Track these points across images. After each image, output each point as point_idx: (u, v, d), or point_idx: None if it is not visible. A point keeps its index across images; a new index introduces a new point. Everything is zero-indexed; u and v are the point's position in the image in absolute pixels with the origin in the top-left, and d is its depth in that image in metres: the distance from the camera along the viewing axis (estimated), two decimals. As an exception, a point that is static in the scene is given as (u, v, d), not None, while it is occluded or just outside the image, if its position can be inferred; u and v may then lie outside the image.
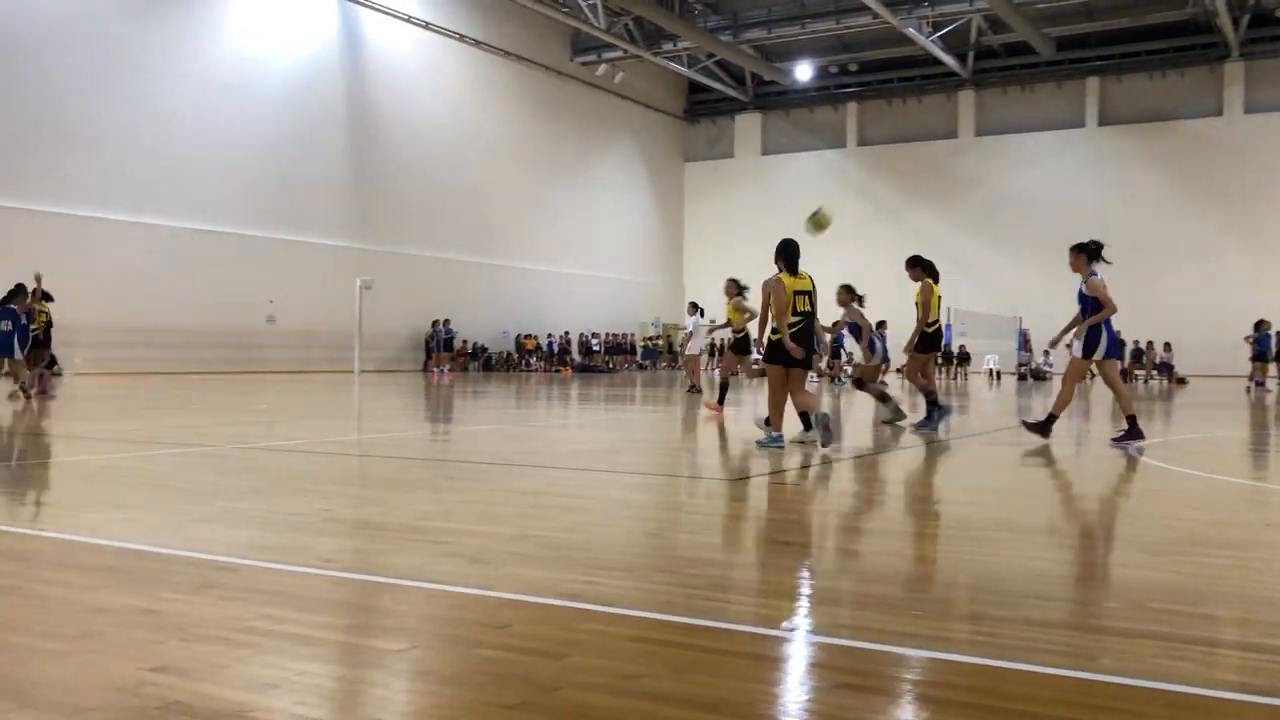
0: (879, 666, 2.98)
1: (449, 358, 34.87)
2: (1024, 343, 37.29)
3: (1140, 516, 6.21)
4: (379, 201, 34.73)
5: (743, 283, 14.68)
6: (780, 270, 9.72)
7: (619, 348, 42.86)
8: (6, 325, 15.96)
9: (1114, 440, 10.07)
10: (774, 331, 9.42)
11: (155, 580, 3.89)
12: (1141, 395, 23.59)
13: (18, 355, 16.06)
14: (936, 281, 11.77)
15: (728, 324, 15.41)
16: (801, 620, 3.50)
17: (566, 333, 41.67)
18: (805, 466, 8.08)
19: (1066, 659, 3.01)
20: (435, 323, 35.08)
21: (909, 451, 9.68)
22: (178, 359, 27.74)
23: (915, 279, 11.75)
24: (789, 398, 9.42)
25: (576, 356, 41.64)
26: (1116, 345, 10.16)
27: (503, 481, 7.24)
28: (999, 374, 37.25)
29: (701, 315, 20.09)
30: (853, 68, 44.58)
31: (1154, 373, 35.24)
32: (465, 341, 38.02)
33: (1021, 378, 35.71)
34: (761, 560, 4.55)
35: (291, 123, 31.89)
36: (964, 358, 39.21)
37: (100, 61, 27.29)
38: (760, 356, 10.54)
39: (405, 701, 2.62)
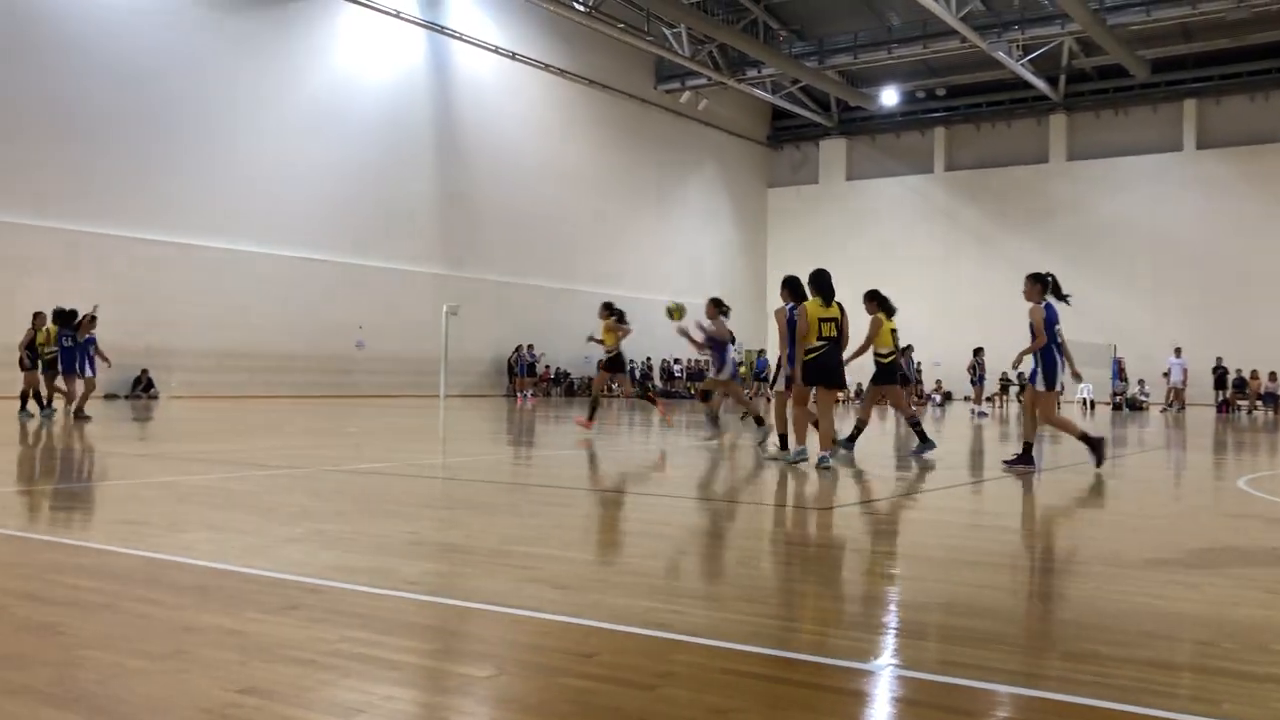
0: (981, 705, 2.83)
1: (532, 383, 35.08)
2: (1119, 372, 36.26)
3: (1256, 553, 5.90)
4: (465, 228, 35.20)
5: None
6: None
7: (701, 374, 42.71)
8: (68, 343, 16.60)
9: (1005, 462, 10.34)
10: (808, 353, 10.04)
11: (243, 600, 3.89)
12: (1244, 426, 22.73)
13: (88, 373, 16.68)
14: (890, 315, 12.23)
15: (602, 342, 15.97)
16: (898, 655, 3.35)
17: (648, 359, 41.68)
18: (898, 495, 7.88)
19: (1183, 701, 2.82)
20: (519, 348, 35.36)
21: (1000, 482, 9.41)
22: (271, 383, 28.34)
23: (870, 312, 12.22)
24: (806, 414, 10.36)
25: (659, 383, 41.61)
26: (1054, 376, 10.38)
27: (588, 507, 7.18)
28: (1093, 404, 36.27)
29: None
30: (940, 92, 44.05)
31: (1258, 403, 33.99)
32: (548, 367, 38.23)
33: (1117, 407, 34.75)
34: (854, 592, 4.40)
35: (381, 152, 32.53)
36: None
37: (201, 93, 28.17)
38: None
39: (491, 731, 2.55)
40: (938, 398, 39.04)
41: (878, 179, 47.14)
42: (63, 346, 16.80)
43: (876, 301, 12.28)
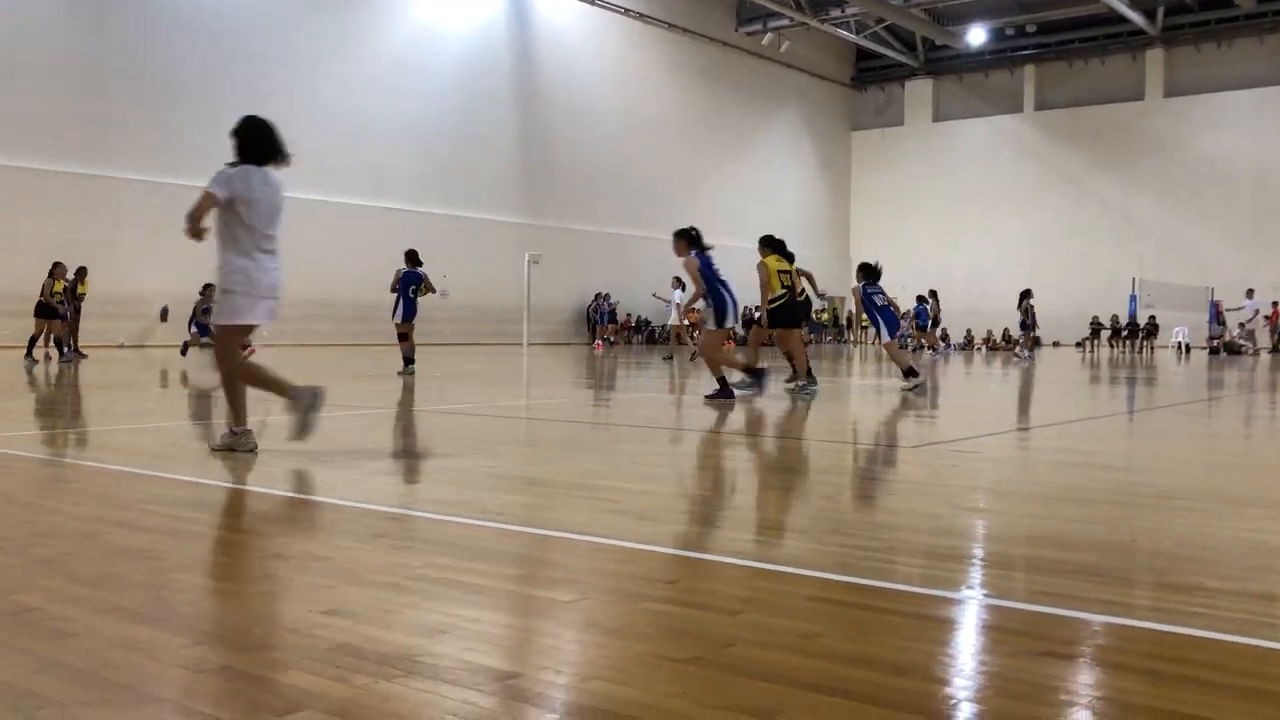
0: (1074, 633, 2.72)
1: (612, 330, 35.16)
2: (1216, 315, 35.10)
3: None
4: (545, 177, 35.20)
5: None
6: (765, 258, 12.03)
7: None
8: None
9: (707, 396, 10.73)
10: (771, 302, 11.89)
11: (330, 529, 3.93)
12: (1353, 370, 21.83)
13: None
14: (784, 258, 12.30)
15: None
16: (985, 584, 3.25)
17: (752, 307, 41.48)
18: (986, 435, 7.71)
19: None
20: (597, 296, 35.42)
21: (1098, 422, 9.16)
22: (357, 331, 28.79)
23: (761, 256, 12.31)
24: (795, 348, 12.04)
25: (739, 329, 41.39)
26: (733, 314, 11.01)
27: (668, 445, 7.15)
28: (1189, 347, 35.19)
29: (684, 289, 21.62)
30: (1030, 29, 42.63)
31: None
32: (629, 315, 38.24)
33: (1214, 351, 33.66)
34: (940, 525, 4.29)
35: (462, 101, 32.60)
36: (1151, 330, 37.24)
37: (282, 48, 28.47)
38: None
39: (575, 651, 2.52)
40: (1023, 352, 38.15)
41: (965, 120, 45.96)
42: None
43: (768, 245, 12.32)
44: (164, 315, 18.47)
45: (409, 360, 15.21)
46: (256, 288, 5.89)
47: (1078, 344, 39.88)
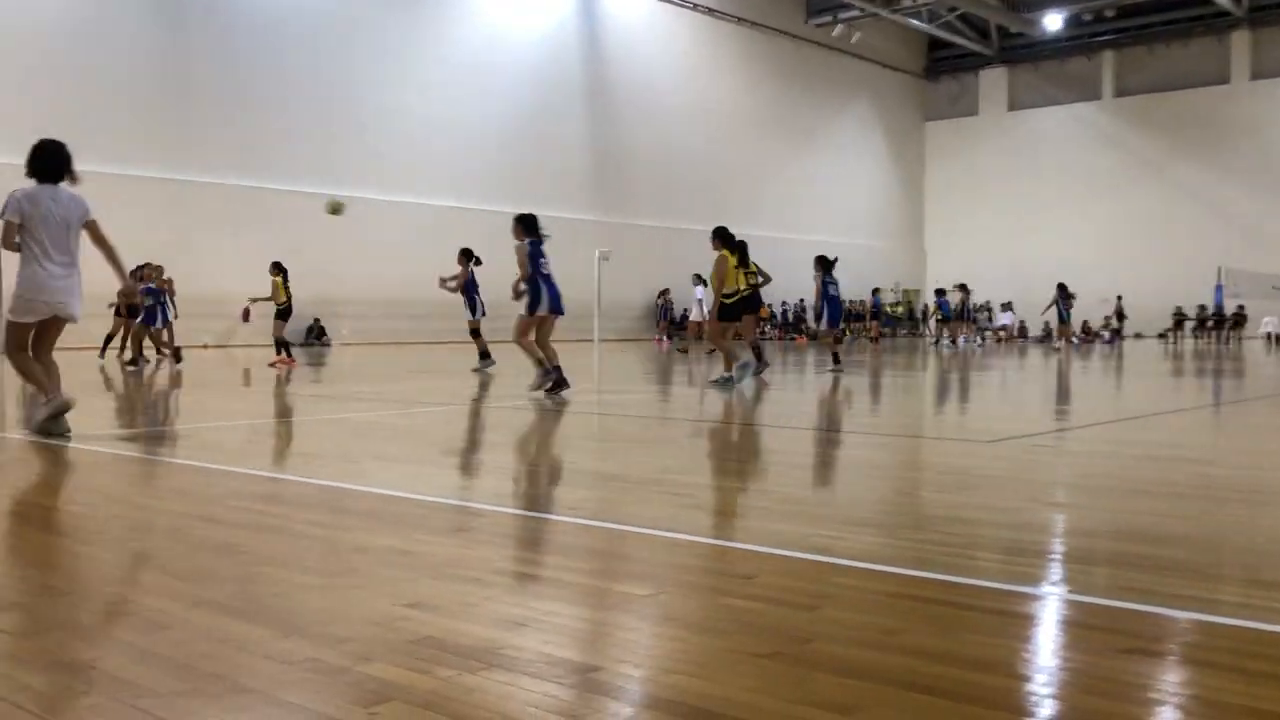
0: (1159, 630, 2.66)
1: (664, 326, 35.20)
2: (1307, 304, 34.04)
3: None
4: (616, 174, 35.29)
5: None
6: (722, 251, 12.14)
7: (857, 315, 41.97)
8: (149, 300, 17.87)
9: (530, 387, 10.82)
10: (727, 296, 12.09)
11: (411, 524, 4.00)
12: None
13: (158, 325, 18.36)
14: (734, 252, 12.33)
15: (270, 299, 17.88)
16: (1068, 580, 3.20)
17: (801, 300, 41.18)
18: (1063, 430, 7.56)
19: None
20: (662, 292, 35.42)
21: (1183, 415, 8.93)
22: (433, 330, 29.14)
23: (716, 249, 12.30)
24: (723, 342, 12.19)
25: (812, 325, 41.11)
26: (556, 302, 11.16)
27: (743, 441, 7.13)
28: (1278, 338, 34.14)
29: (705, 285, 21.47)
30: (1109, 13, 41.68)
31: None
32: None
33: (1305, 342, 32.62)
34: (1020, 520, 4.22)
35: (533, 99, 32.81)
36: (1238, 320, 36.21)
37: (357, 51, 28.92)
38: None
39: (654, 645, 2.53)
40: (1106, 334, 37.35)
41: (1041, 108, 45.11)
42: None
43: (720, 238, 12.40)
44: (245, 315, 18.89)
45: (485, 355, 15.45)
46: (41, 292, 6.55)
47: (1160, 335, 38.93)
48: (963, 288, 33.09)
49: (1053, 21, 41.72)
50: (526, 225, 11.45)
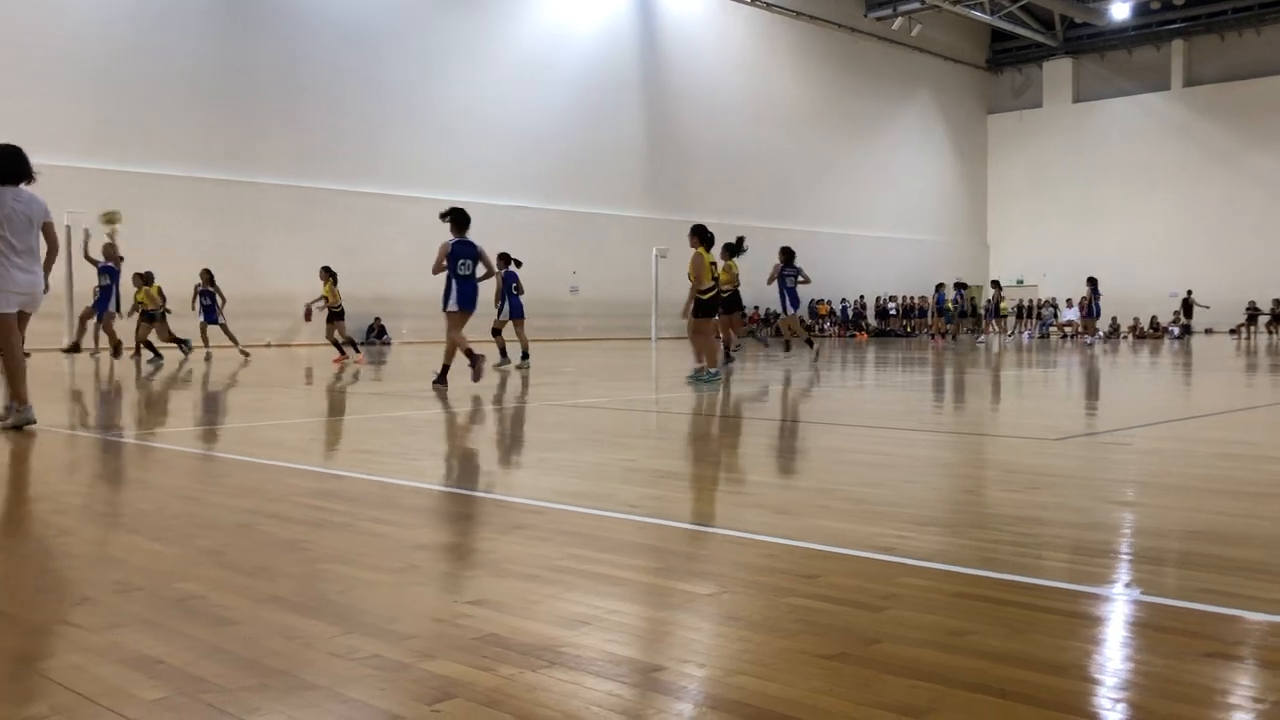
0: (1243, 634, 2.58)
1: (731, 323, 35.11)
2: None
3: None
4: (673, 171, 35.24)
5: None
6: (698, 249, 12.12)
7: (919, 311, 41.54)
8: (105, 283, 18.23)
9: (434, 383, 11.45)
10: (704, 293, 12.05)
11: (471, 521, 4.01)
12: None
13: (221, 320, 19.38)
14: (709, 249, 12.36)
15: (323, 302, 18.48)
16: (1141, 581, 3.11)
17: (861, 297, 40.82)
18: (1131, 427, 7.40)
19: None
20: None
21: (1257, 412, 8.69)
22: (489, 328, 29.35)
23: (693, 246, 12.36)
24: (706, 340, 12.12)
25: (872, 321, 40.72)
26: (469, 301, 11.89)
27: (803, 438, 7.06)
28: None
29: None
30: (1178, 1, 40.77)
31: None
32: (756, 308, 38.00)
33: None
34: (1090, 519, 4.12)
35: (589, 97, 32.88)
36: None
37: (415, 50, 29.19)
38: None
39: (717, 645, 2.50)
40: (1174, 329, 36.58)
41: (1108, 99, 44.25)
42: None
43: (697, 235, 12.43)
44: (307, 315, 19.17)
45: (526, 354, 15.68)
46: (11, 285, 6.95)
47: (1232, 330, 38.02)
48: (995, 284, 32.93)
49: (1119, 10, 40.91)
50: (456, 222, 12.12)
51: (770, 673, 2.27)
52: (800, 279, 17.84)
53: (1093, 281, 29.29)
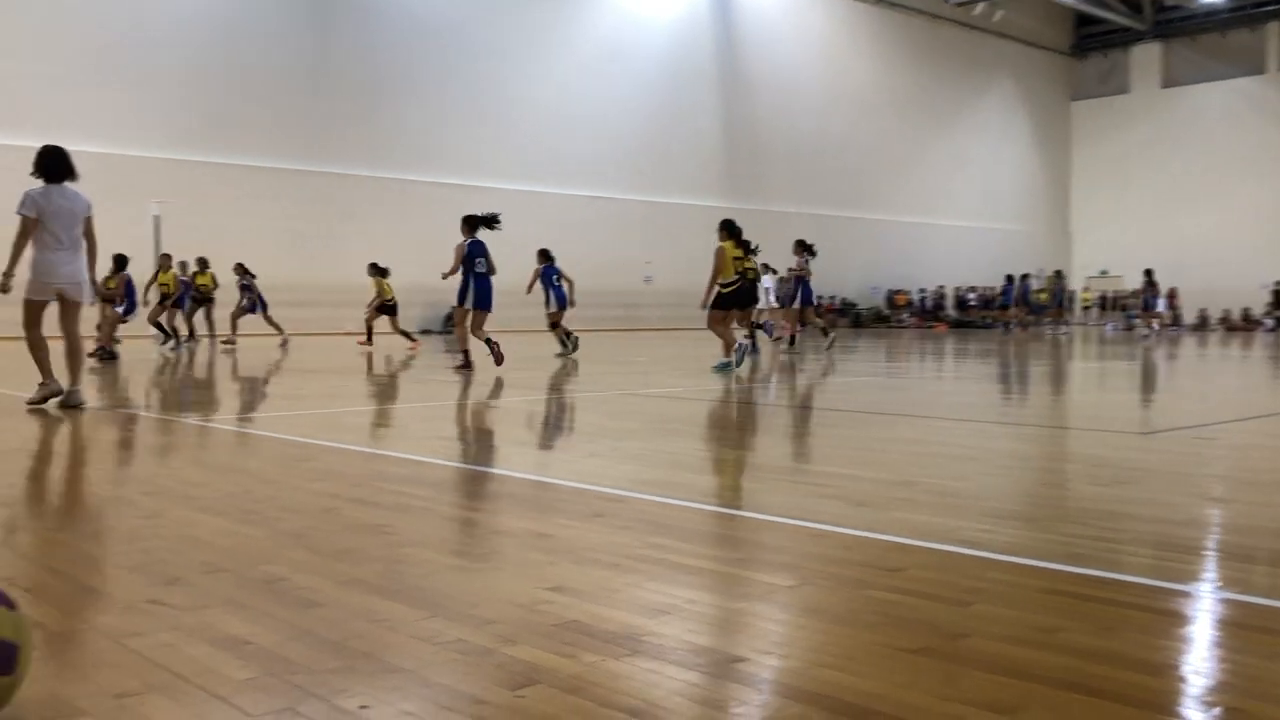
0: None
1: (783, 315, 34.89)
2: None
3: None
4: (749, 160, 35.05)
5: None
6: (725, 242, 12.56)
7: (1000, 302, 40.76)
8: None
9: (455, 367, 12.22)
10: (725, 286, 12.49)
11: (549, 508, 4.03)
12: None
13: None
14: (738, 244, 12.72)
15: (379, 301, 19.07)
16: (1231, 579, 3.01)
17: (941, 287, 40.24)
18: (1221, 422, 7.18)
19: None
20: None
21: (1356, 408, 8.38)
22: (564, 317, 29.50)
23: (722, 240, 12.76)
24: (726, 330, 12.52)
25: (952, 311, 40.11)
26: (486, 298, 12.48)
27: (881, 430, 6.98)
28: None
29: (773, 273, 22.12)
30: (1274, -18, 39.41)
31: None
32: (832, 298, 37.68)
33: None
34: (1178, 515, 4.01)
35: (666, 87, 32.82)
36: None
37: (494, 42, 29.40)
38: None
39: (800, 637, 2.48)
40: (1268, 322, 35.43)
41: (1199, 84, 42.91)
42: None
43: (725, 230, 12.83)
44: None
45: (564, 341, 16.90)
46: (52, 275, 7.54)
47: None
48: (1058, 274, 32.49)
49: (1212, -8, 39.69)
50: (471, 224, 12.81)
51: (853, 666, 2.24)
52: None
53: (1148, 273, 28.99)
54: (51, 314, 7.73)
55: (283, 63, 26.38)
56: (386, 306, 18.83)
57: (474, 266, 12.32)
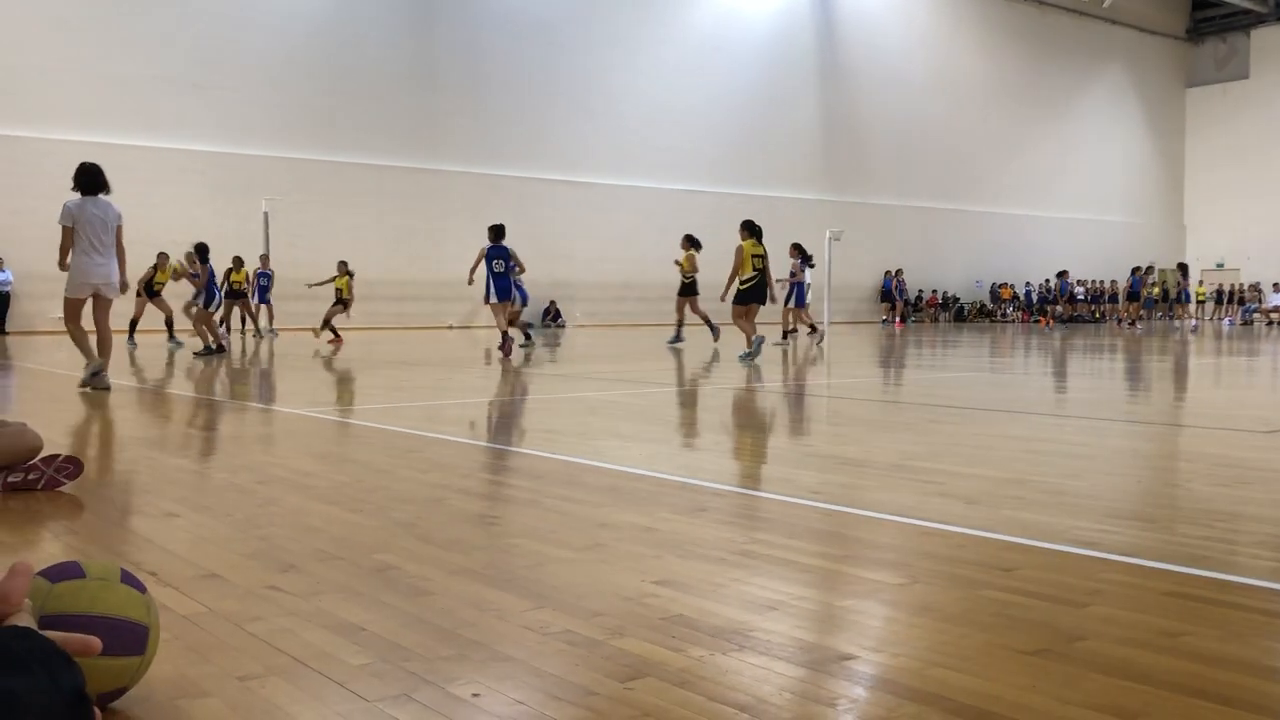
0: None
1: (886, 308, 34.41)
2: None
3: None
4: (847, 151, 34.64)
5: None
6: (746, 240, 13.53)
7: (1110, 296, 39.62)
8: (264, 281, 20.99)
9: (499, 348, 14.03)
10: (742, 282, 13.56)
11: (653, 501, 4.03)
12: None
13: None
14: (759, 241, 13.64)
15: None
16: (1386, 589, 2.87)
17: (1047, 280, 39.25)
18: (1357, 420, 6.84)
19: None
20: (886, 273, 34.58)
21: None
22: (661, 312, 29.55)
23: (744, 239, 13.64)
24: (748, 323, 13.39)
25: (1059, 306, 39.10)
26: (505, 293, 14.79)
27: (989, 426, 6.83)
28: None
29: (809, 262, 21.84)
30: (1407, -41, 37.53)
31: None
32: (935, 292, 37.02)
33: None
34: (1316, 519, 3.83)
35: (765, 80, 32.62)
36: None
37: (590, 39, 29.55)
38: None
39: (911, 636, 2.44)
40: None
41: (1323, 68, 41.10)
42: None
43: (746, 228, 13.67)
44: (487, 298, 19.79)
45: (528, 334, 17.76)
46: (87, 276, 8.71)
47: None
48: (1136, 270, 31.65)
49: (1338, -28, 37.95)
50: (495, 232, 14.92)
51: (969, 666, 2.20)
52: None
53: (1183, 267, 28.43)
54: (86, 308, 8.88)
55: (388, 62, 26.92)
56: (342, 301, 19.58)
57: (491, 267, 14.78)
